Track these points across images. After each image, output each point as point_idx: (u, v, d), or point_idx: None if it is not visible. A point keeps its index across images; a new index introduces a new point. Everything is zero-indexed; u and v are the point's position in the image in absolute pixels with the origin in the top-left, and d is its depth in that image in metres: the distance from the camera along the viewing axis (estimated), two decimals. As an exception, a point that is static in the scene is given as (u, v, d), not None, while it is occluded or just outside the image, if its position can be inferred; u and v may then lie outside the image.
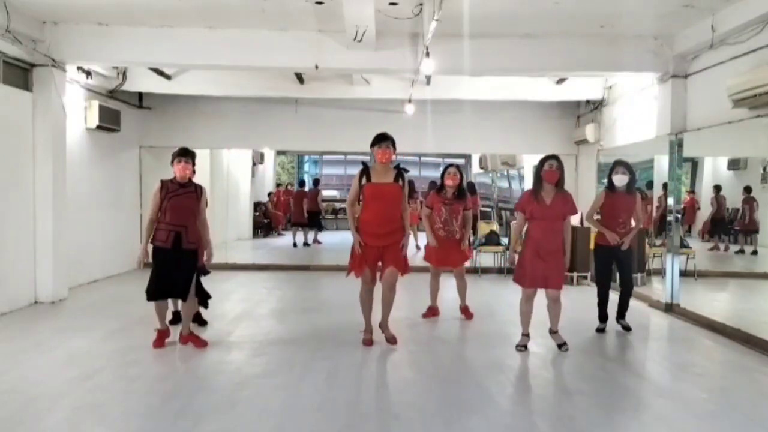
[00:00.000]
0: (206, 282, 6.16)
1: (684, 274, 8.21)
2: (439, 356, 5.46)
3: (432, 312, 6.89)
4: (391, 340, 5.65)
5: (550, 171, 5.37)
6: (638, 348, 5.90)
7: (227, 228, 13.92)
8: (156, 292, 5.28)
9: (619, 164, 6.18)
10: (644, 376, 5.10)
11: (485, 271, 10.42)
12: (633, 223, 6.21)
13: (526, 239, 5.47)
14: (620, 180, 6.09)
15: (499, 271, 10.45)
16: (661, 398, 4.45)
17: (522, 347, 5.54)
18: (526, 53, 7.61)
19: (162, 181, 5.35)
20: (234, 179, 15.04)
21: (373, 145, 5.49)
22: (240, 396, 4.29)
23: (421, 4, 6.46)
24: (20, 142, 7.22)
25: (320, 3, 6.48)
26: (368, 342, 5.61)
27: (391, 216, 5.43)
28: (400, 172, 5.49)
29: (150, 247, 5.31)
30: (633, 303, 7.65)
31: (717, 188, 11.67)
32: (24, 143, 7.28)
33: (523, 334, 5.62)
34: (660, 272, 8.37)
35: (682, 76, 7.43)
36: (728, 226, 11.81)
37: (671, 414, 4.11)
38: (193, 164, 5.42)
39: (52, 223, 7.47)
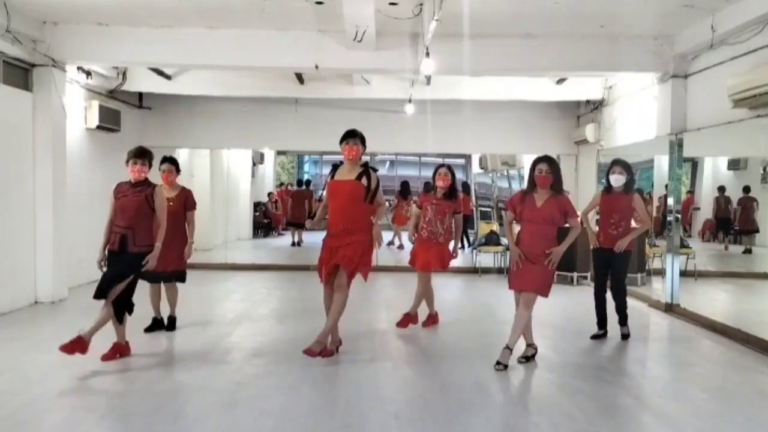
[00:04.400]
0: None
1: (684, 274, 8.20)
2: (438, 356, 5.46)
3: (432, 320, 6.52)
4: (326, 353, 5.09)
5: (540, 176, 5.00)
6: (638, 348, 5.89)
7: (227, 228, 13.92)
8: (96, 292, 4.91)
9: (616, 164, 5.99)
10: (644, 376, 5.10)
11: (485, 271, 10.42)
12: (633, 224, 6.06)
13: (517, 241, 5.18)
14: (617, 180, 5.91)
15: (499, 271, 10.45)
16: (661, 398, 4.46)
17: (523, 359, 5.18)
18: (526, 53, 7.61)
19: (118, 183, 5.10)
20: (234, 179, 15.03)
21: (341, 141, 5.25)
22: (240, 396, 4.28)
23: (421, 4, 6.46)
24: (20, 142, 7.22)
25: (320, 3, 6.48)
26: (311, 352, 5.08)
27: (348, 215, 5.07)
28: (366, 170, 5.14)
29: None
30: (633, 303, 7.65)
31: (720, 189, 11.65)
32: (24, 143, 7.28)
33: (527, 344, 5.26)
34: (660, 272, 8.36)
35: (682, 76, 7.43)
36: (730, 226, 11.80)
37: (671, 414, 4.11)
38: (150, 164, 5.08)
39: (52, 223, 7.47)
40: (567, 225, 5.17)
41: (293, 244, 15.06)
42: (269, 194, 18.40)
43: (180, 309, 6.23)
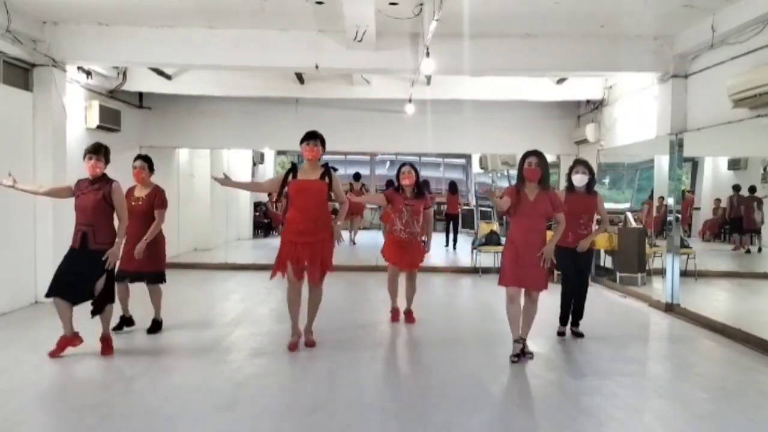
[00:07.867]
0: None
1: (684, 274, 8.20)
2: (438, 356, 5.46)
3: (395, 314, 6.66)
4: (310, 343, 5.49)
5: (530, 169, 5.07)
6: (638, 348, 5.89)
7: (227, 228, 13.92)
8: (52, 288, 4.94)
9: (579, 163, 6.01)
10: (644, 376, 5.10)
11: (485, 271, 10.42)
12: (595, 226, 6.10)
13: (508, 239, 5.30)
14: (580, 180, 5.91)
15: (500, 271, 10.43)
16: (661, 398, 4.46)
17: (515, 357, 5.13)
18: (526, 53, 7.61)
19: (79, 180, 5.14)
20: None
21: (301, 142, 5.43)
22: (240, 396, 4.29)
23: (421, 4, 6.46)
24: (20, 142, 7.22)
25: (320, 3, 6.48)
26: (293, 346, 5.40)
27: (313, 213, 5.25)
28: (327, 170, 5.38)
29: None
30: (633, 303, 7.68)
31: (735, 188, 11.59)
32: (24, 143, 7.28)
33: (514, 341, 5.21)
34: (660, 272, 8.36)
35: (682, 76, 7.43)
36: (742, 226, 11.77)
37: (671, 414, 4.11)
38: (106, 160, 5.05)
39: (52, 223, 7.46)
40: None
41: None
42: (269, 194, 18.42)
43: (180, 309, 6.24)
